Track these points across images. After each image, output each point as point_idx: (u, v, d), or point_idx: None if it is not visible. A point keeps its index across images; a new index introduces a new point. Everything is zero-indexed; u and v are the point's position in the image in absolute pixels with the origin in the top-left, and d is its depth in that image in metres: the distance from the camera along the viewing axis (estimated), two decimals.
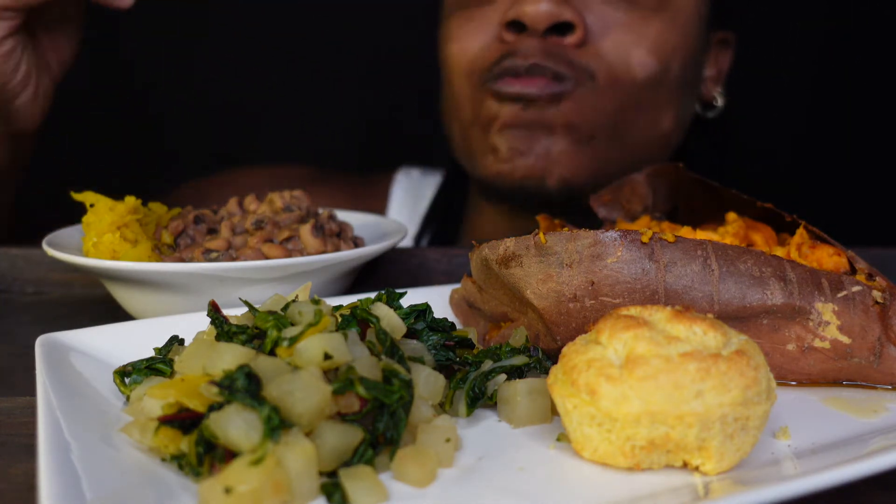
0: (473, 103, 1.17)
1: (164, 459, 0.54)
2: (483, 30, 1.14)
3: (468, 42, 1.15)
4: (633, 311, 0.57)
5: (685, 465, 0.54)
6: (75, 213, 0.90)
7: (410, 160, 1.60)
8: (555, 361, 0.60)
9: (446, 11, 1.24)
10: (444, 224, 1.45)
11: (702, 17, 1.18)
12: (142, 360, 0.64)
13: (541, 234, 0.65)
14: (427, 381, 0.60)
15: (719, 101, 1.30)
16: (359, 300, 0.65)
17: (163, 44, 1.92)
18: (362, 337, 0.60)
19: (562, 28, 1.08)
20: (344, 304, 0.66)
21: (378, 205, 1.51)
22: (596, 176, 1.14)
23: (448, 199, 1.45)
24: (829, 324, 0.65)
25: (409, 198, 1.50)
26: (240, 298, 0.70)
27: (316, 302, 0.62)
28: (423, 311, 0.67)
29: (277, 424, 0.50)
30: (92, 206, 0.86)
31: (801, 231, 0.75)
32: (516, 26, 1.09)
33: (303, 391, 0.51)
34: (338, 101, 1.96)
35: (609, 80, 1.11)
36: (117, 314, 0.90)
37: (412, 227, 1.45)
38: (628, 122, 1.14)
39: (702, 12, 1.18)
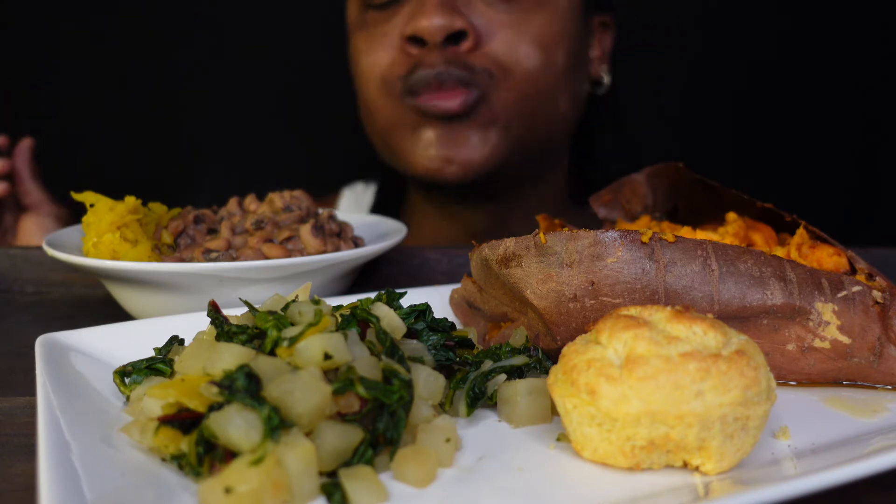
0: (390, 111, 1.30)
1: (164, 459, 0.54)
2: (387, 45, 1.28)
3: (377, 56, 1.29)
4: (633, 311, 0.57)
5: (685, 465, 0.53)
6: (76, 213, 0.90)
7: (362, 173, 1.69)
8: (555, 361, 0.60)
9: (350, 29, 1.37)
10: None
11: (578, 7, 1.34)
12: (142, 360, 0.64)
13: (541, 234, 0.65)
14: (427, 381, 0.60)
15: (606, 79, 1.44)
16: (359, 300, 0.65)
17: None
18: (362, 337, 0.60)
19: (456, 37, 1.23)
20: (344, 304, 0.66)
21: None
22: (511, 156, 1.31)
23: (384, 203, 1.58)
24: (829, 324, 0.65)
25: (353, 208, 1.63)
26: (240, 298, 0.70)
27: (316, 302, 0.62)
28: (423, 311, 0.67)
29: (277, 424, 0.50)
30: (92, 206, 0.86)
31: (801, 231, 0.75)
32: (416, 41, 1.23)
33: (303, 391, 0.51)
34: (296, 123, 1.99)
35: (504, 75, 1.25)
36: (117, 314, 0.90)
37: None
38: (532, 108, 1.30)
39: (577, 3, 1.32)
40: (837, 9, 1.85)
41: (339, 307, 0.65)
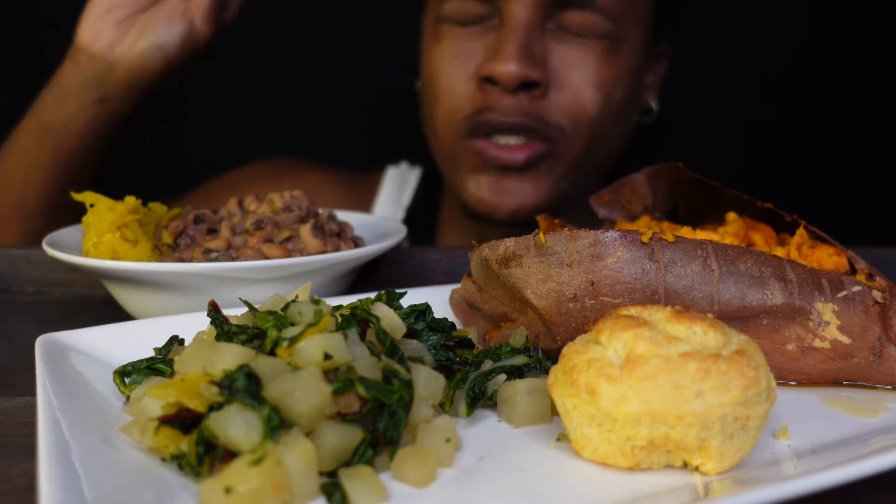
0: (452, 143, 1.29)
1: (164, 459, 0.54)
2: (467, 74, 1.25)
3: (454, 83, 1.27)
4: (633, 311, 0.57)
5: (685, 465, 0.54)
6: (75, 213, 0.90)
7: (406, 153, 1.68)
8: (555, 361, 0.60)
9: (426, 35, 1.33)
10: (424, 214, 1.58)
11: (644, 46, 1.31)
12: (142, 360, 0.64)
13: (541, 234, 0.65)
14: (427, 381, 0.60)
15: (655, 107, 1.42)
16: (359, 300, 0.65)
17: None
18: (362, 337, 0.60)
19: (529, 83, 1.20)
20: (344, 304, 0.66)
21: (369, 196, 1.61)
22: (560, 199, 1.32)
23: (427, 192, 1.58)
24: (829, 324, 0.65)
25: (397, 187, 1.61)
26: (240, 298, 0.70)
27: (316, 302, 0.62)
28: (423, 311, 0.67)
29: (277, 424, 0.50)
30: (92, 206, 0.86)
31: (801, 231, 0.75)
32: (489, 81, 1.21)
33: (303, 391, 0.51)
34: (338, 97, 1.98)
35: (571, 127, 1.25)
36: (117, 314, 0.90)
37: (398, 213, 1.59)
38: (585, 154, 1.29)
39: (644, 43, 1.31)
40: (838, 9, 1.86)
41: (339, 307, 0.65)
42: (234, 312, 0.68)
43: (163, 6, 1.15)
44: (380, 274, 1.07)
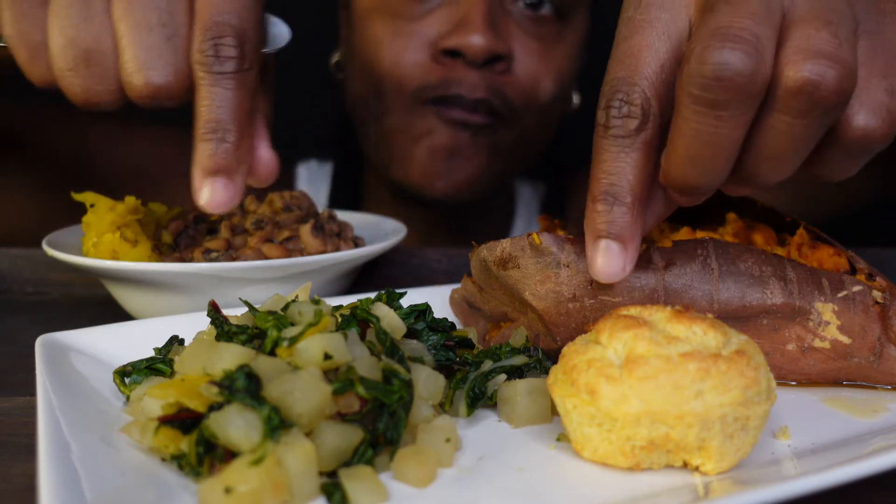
0: (406, 115, 1.25)
1: (164, 459, 0.54)
2: (416, 47, 1.22)
3: (402, 55, 1.23)
4: (633, 310, 0.57)
5: (685, 465, 0.54)
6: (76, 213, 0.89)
7: (309, 147, 1.64)
8: (555, 361, 0.60)
9: (362, 10, 1.29)
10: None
11: (586, 29, 1.32)
12: (142, 360, 0.64)
13: (534, 235, 0.65)
14: (427, 381, 0.60)
15: (576, 98, 1.42)
16: (359, 300, 0.65)
17: None
18: (362, 337, 0.60)
19: (493, 58, 1.18)
20: (344, 304, 0.66)
21: None
22: (494, 182, 1.32)
23: (345, 188, 1.55)
24: (829, 324, 0.65)
25: (312, 188, 1.57)
26: (240, 298, 0.70)
27: (316, 302, 0.62)
28: (423, 311, 0.67)
29: (277, 424, 0.50)
30: (92, 206, 0.86)
31: (801, 231, 0.75)
32: (453, 54, 1.19)
33: (303, 391, 0.51)
34: None
35: (524, 108, 1.25)
36: (117, 314, 0.90)
37: None
38: (531, 138, 1.31)
39: (587, 25, 1.32)
40: None
41: (339, 307, 0.65)
42: (234, 312, 0.68)
43: None
44: (380, 274, 1.07)
